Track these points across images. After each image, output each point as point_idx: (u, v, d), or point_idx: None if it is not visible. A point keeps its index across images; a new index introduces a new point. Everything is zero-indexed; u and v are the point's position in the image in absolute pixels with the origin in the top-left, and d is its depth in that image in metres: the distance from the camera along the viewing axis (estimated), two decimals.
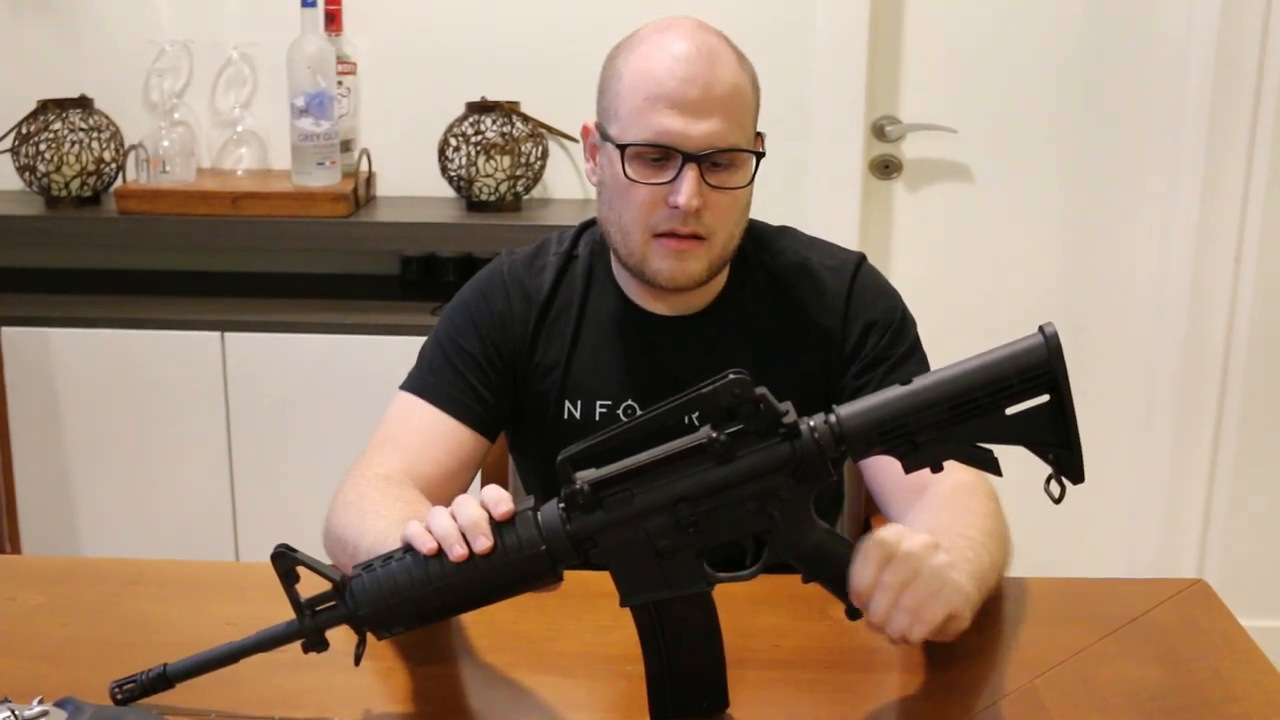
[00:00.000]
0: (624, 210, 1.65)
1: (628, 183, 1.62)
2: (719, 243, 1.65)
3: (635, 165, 1.62)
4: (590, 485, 1.25)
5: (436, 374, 1.73)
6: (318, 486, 1.73)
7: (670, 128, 1.59)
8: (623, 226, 1.66)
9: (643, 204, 1.62)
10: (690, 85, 1.58)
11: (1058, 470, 1.25)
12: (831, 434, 1.24)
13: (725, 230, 1.65)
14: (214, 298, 2.91)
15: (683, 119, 1.58)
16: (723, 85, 1.60)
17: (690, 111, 1.58)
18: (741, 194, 1.65)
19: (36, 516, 2.74)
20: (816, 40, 2.94)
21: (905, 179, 3.08)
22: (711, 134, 1.59)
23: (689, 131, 1.58)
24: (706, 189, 1.60)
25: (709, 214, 1.62)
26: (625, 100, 1.62)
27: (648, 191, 1.62)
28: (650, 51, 1.62)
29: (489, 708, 1.36)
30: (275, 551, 1.26)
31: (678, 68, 1.59)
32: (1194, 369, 3.05)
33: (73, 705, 1.22)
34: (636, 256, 1.66)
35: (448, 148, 2.88)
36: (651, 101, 1.59)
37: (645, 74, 1.61)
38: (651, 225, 1.63)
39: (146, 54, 2.95)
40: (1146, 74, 2.99)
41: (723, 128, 1.59)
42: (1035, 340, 1.23)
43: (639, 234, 1.64)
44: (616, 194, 1.65)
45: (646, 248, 1.65)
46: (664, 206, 1.61)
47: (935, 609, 1.28)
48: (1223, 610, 1.54)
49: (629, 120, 1.61)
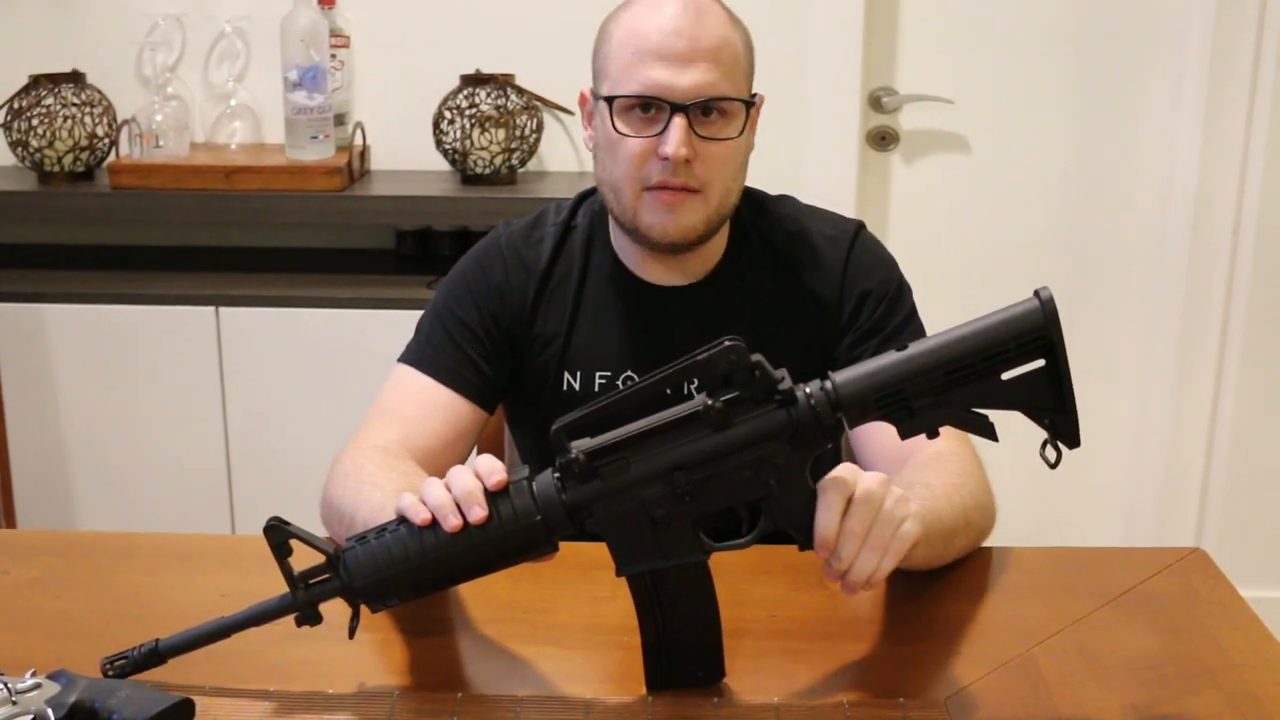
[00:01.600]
0: (614, 166, 1.65)
1: (618, 137, 1.62)
2: (714, 195, 1.64)
3: (624, 119, 1.62)
4: (585, 454, 1.24)
5: (434, 346, 1.73)
6: (313, 460, 1.73)
7: (657, 79, 1.59)
8: (614, 184, 1.66)
9: (632, 157, 1.62)
10: (676, 37, 1.59)
11: (1054, 435, 1.25)
12: (828, 400, 1.24)
13: (720, 183, 1.64)
14: (208, 272, 2.90)
15: (669, 70, 1.59)
16: (710, 37, 1.60)
17: (677, 62, 1.59)
18: (735, 146, 1.64)
19: (31, 491, 2.73)
20: (813, 11, 2.92)
21: (902, 150, 3.07)
22: (699, 84, 1.59)
23: (675, 82, 1.59)
24: (696, 140, 1.60)
25: (700, 165, 1.61)
26: (614, 58, 1.63)
27: (637, 144, 1.61)
28: (639, 12, 1.63)
29: (485, 679, 1.36)
30: (268, 524, 1.25)
31: (665, 22, 1.60)
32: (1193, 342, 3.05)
33: (66, 678, 1.21)
34: (629, 213, 1.65)
35: (442, 121, 2.86)
36: (639, 55, 1.60)
37: (632, 30, 1.62)
38: (642, 178, 1.62)
39: (139, 28, 2.93)
40: (1144, 44, 2.97)
41: (711, 77, 1.59)
42: (1031, 305, 1.23)
43: (630, 188, 1.64)
44: (608, 151, 1.65)
45: (638, 202, 1.64)
46: (654, 159, 1.61)
47: (900, 543, 1.28)
48: (1221, 579, 1.54)
49: (618, 76, 1.62)
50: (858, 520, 1.25)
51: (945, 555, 1.49)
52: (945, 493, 1.47)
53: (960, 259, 3.08)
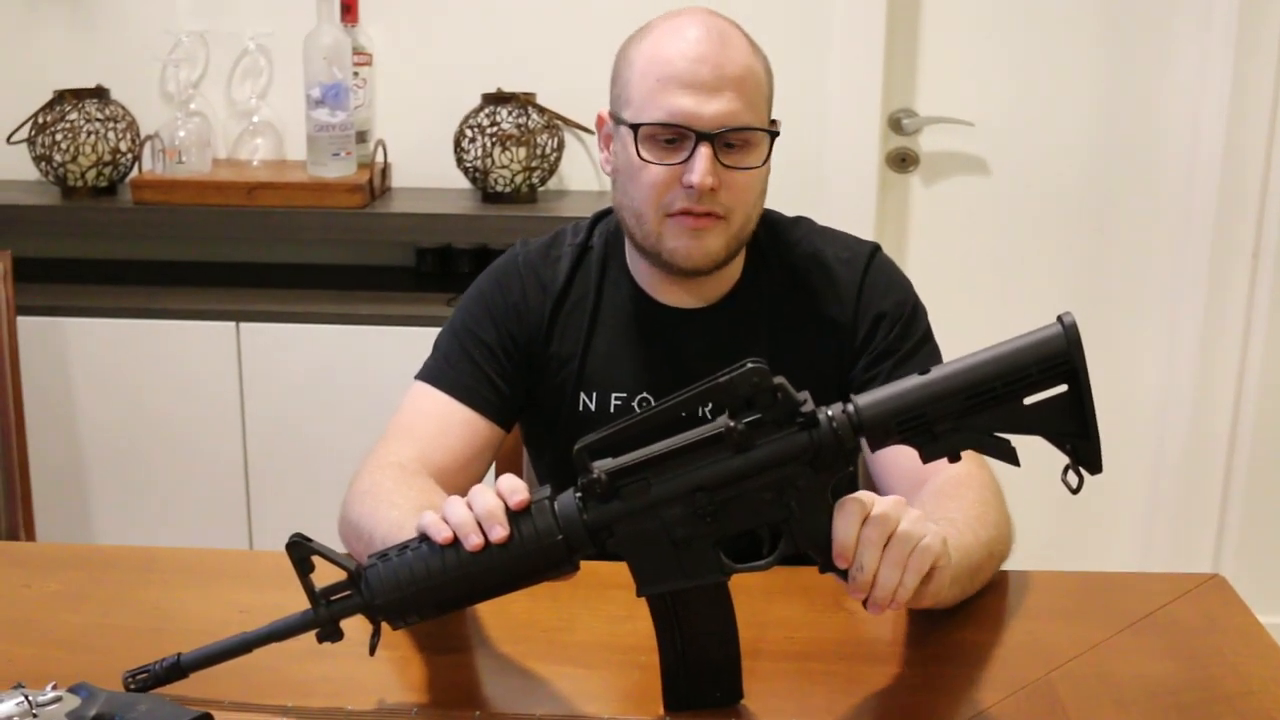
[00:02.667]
0: (637, 192, 1.64)
1: (641, 164, 1.62)
2: (737, 221, 1.64)
3: (649, 146, 1.62)
4: (607, 474, 1.24)
5: (452, 364, 1.73)
6: (332, 477, 1.73)
7: (683, 107, 1.59)
8: (636, 210, 1.66)
9: (656, 185, 1.62)
10: (702, 65, 1.58)
11: (1075, 460, 1.25)
12: (850, 423, 1.24)
13: (743, 210, 1.64)
14: (229, 288, 2.91)
15: (695, 98, 1.58)
16: (735, 65, 1.60)
17: (703, 90, 1.58)
18: (757, 174, 1.64)
19: (51, 505, 2.74)
20: (834, 33, 2.93)
21: (922, 172, 3.07)
22: (725, 113, 1.59)
23: (701, 111, 1.58)
24: (721, 168, 1.60)
25: (725, 193, 1.61)
26: (637, 85, 1.62)
27: (661, 172, 1.61)
28: (661, 37, 1.62)
29: (503, 697, 1.36)
30: (290, 541, 1.26)
31: (689, 49, 1.59)
32: (1212, 366, 3.05)
33: (86, 691, 1.22)
34: (652, 238, 1.66)
35: (463, 139, 2.87)
36: (664, 83, 1.60)
37: (656, 57, 1.61)
38: (665, 205, 1.63)
39: (163, 44, 2.95)
40: (1163, 73, 2.97)
41: (736, 107, 1.59)
42: (1054, 330, 1.23)
43: (653, 214, 1.64)
44: (630, 177, 1.65)
45: (661, 226, 1.64)
46: (678, 187, 1.61)
47: (919, 556, 1.27)
48: (1239, 605, 1.53)
49: (642, 103, 1.61)
50: (875, 529, 1.25)
51: (971, 590, 1.48)
52: (970, 525, 1.46)
53: (979, 281, 3.08)
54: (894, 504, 1.28)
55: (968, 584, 1.45)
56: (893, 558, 1.26)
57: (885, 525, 1.26)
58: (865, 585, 1.26)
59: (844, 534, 1.25)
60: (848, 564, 1.25)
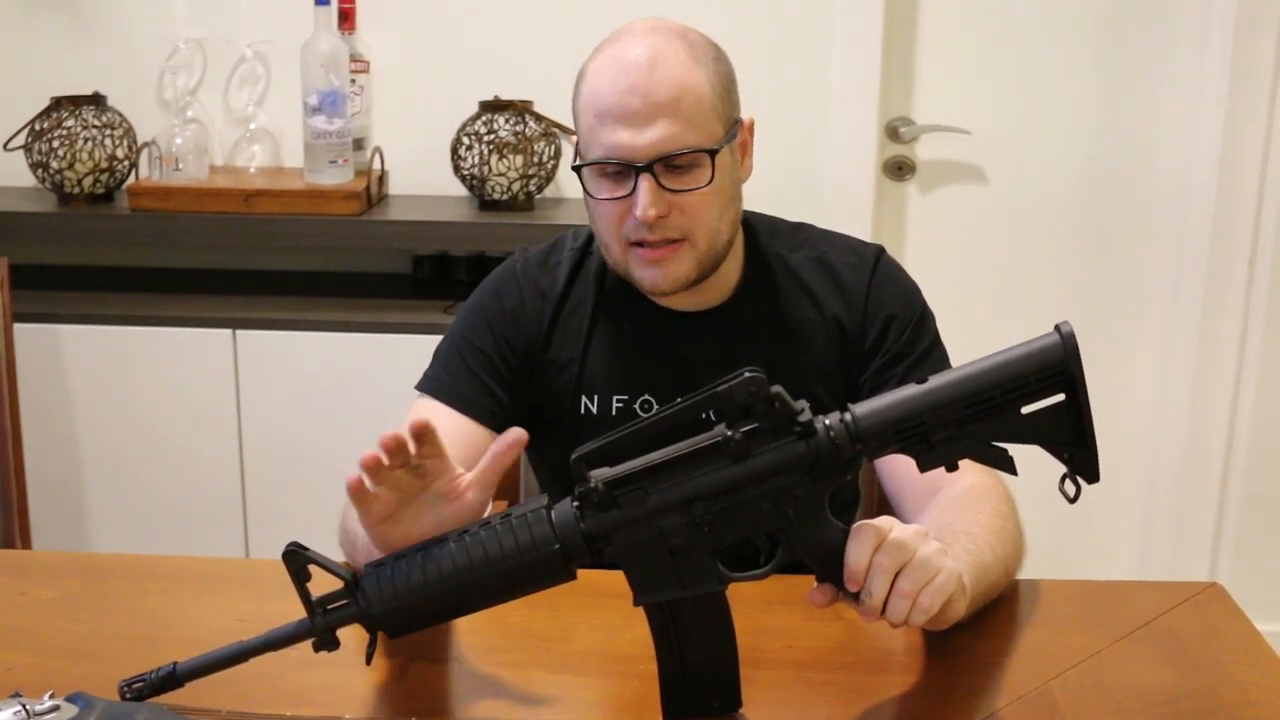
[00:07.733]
0: (598, 227, 1.68)
1: (595, 201, 1.64)
2: (701, 240, 1.64)
3: (596, 182, 1.64)
4: (605, 484, 1.24)
5: (451, 374, 1.73)
6: (329, 484, 1.72)
7: (618, 141, 1.59)
8: (604, 242, 1.69)
9: (610, 218, 1.64)
10: (630, 95, 1.58)
11: (1073, 469, 1.25)
12: (847, 432, 1.24)
13: (703, 228, 1.64)
14: (226, 295, 2.91)
15: (628, 130, 1.59)
16: (664, 89, 1.59)
17: (634, 122, 1.58)
18: (709, 192, 1.63)
19: (48, 512, 2.73)
20: (831, 41, 2.92)
21: (918, 180, 3.07)
22: (658, 140, 1.59)
23: (635, 142, 1.59)
24: (668, 194, 1.60)
25: (678, 216, 1.62)
26: (581, 121, 1.65)
27: (612, 205, 1.63)
28: (599, 67, 1.63)
29: (500, 706, 1.36)
30: (287, 550, 1.26)
31: (619, 79, 1.59)
32: (1208, 376, 3.05)
33: (83, 700, 1.22)
34: (621, 267, 1.68)
35: (460, 146, 2.88)
36: (600, 118, 1.61)
37: (592, 92, 1.62)
38: (624, 236, 1.64)
39: (160, 51, 2.95)
40: (1162, 79, 2.98)
41: (670, 131, 1.59)
42: (1052, 339, 1.23)
43: (617, 246, 1.66)
44: (591, 212, 1.68)
45: (627, 257, 1.66)
46: (631, 217, 1.62)
47: (931, 594, 1.27)
48: (1238, 613, 1.53)
49: (586, 140, 1.64)
50: (888, 557, 1.25)
51: (982, 604, 1.47)
52: (988, 541, 1.46)
53: (976, 290, 3.08)
54: (913, 534, 1.28)
55: (982, 602, 1.45)
56: (904, 588, 1.26)
57: (900, 554, 1.26)
58: (874, 611, 1.26)
59: (855, 559, 1.25)
60: (858, 588, 1.26)
